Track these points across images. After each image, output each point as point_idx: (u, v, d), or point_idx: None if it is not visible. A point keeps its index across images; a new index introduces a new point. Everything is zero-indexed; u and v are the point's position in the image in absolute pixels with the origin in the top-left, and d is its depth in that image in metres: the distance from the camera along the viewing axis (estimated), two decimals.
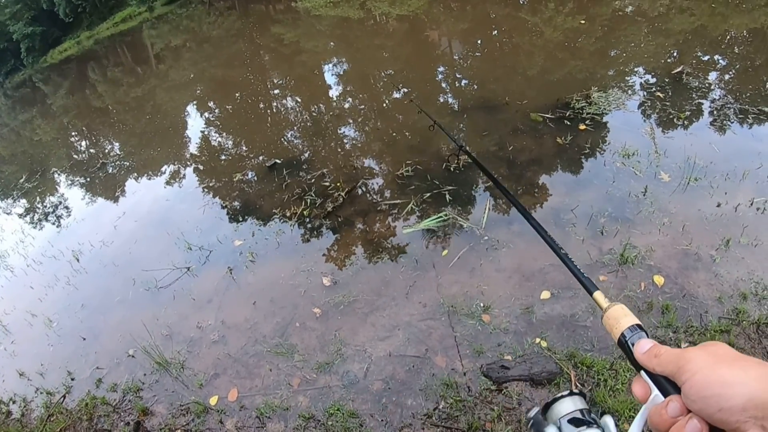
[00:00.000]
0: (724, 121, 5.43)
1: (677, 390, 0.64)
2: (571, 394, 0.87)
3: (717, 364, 0.60)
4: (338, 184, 5.96)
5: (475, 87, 8.14)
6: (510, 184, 5.21)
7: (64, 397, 4.45)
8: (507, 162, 5.56)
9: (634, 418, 0.70)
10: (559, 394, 0.88)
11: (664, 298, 3.62)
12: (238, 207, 6.40)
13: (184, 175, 8.23)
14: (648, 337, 0.74)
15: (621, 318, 0.78)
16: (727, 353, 0.61)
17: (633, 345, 0.74)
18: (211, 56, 16.01)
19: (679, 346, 3.30)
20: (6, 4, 35.72)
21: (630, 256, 3.95)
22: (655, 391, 0.68)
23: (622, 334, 0.76)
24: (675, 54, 7.13)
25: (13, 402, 4.67)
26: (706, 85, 6.10)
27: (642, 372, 0.71)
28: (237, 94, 11.57)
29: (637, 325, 0.76)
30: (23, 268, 6.90)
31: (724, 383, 0.57)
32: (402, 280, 4.41)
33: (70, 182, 9.96)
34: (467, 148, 2.23)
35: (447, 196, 5.27)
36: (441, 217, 4.94)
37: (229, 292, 4.95)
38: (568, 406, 0.87)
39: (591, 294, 0.91)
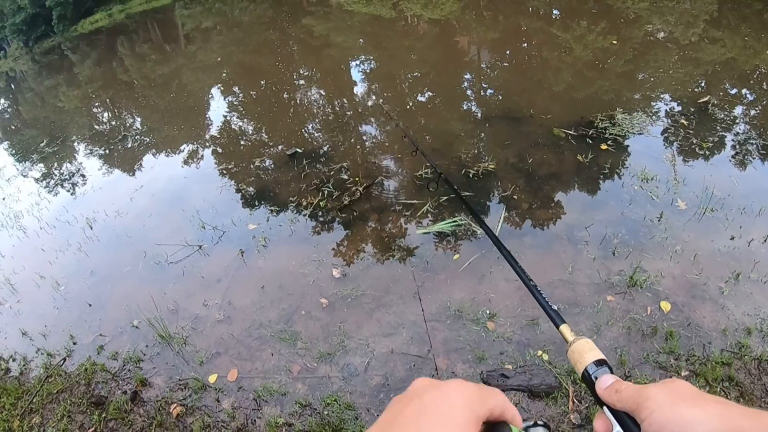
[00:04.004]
0: (746, 156, 5.41)
1: (638, 427, 0.63)
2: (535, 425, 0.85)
3: (677, 402, 0.58)
4: (356, 179, 5.99)
5: (500, 97, 8.14)
6: (527, 196, 5.23)
7: (64, 360, 4.52)
8: (526, 174, 5.57)
9: None
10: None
11: (669, 325, 3.62)
12: (255, 192, 6.45)
13: (203, 155, 8.27)
14: (612, 372, 0.74)
15: (585, 352, 0.78)
16: (687, 391, 0.60)
17: (596, 380, 0.73)
18: (240, 41, 16.08)
19: (679, 374, 3.32)
20: None
21: (639, 279, 3.96)
22: (617, 428, 0.67)
23: (586, 369, 0.76)
24: (703, 84, 7.09)
25: (14, 360, 4.75)
26: (732, 117, 6.06)
27: (604, 408, 0.70)
28: (262, 82, 11.64)
29: (602, 360, 0.76)
30: (36, 230, 6.99)
31: (684, 422, 0.56)
32: (411, 280, 4.43)
33: (89, 151, 10.04)
34: (444, 176, 2.26)
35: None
36: (455, 221, 4.96)
37: (239, 274, 5.00)
38: None
39: (558, 327, 0.91)
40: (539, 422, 0.74)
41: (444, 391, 0.58)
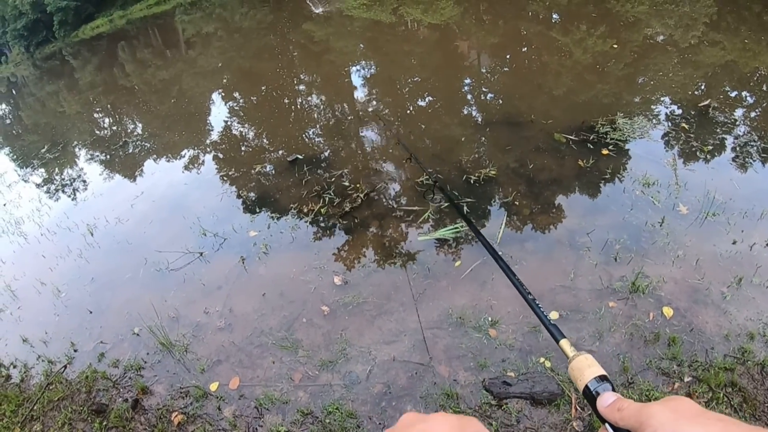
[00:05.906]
0: (747, 159, 5.40)
1: None
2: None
3: (678, 420, 0.58)
4: (357, 186, 5.98)
5: (501, 102, 8.13)
6: (528, 201, 5.22)
7: (65, 367, 4.50)
8: (527, 179, 5.56)
9: None
10: None
11: (671, 331, 3.61)
12: (256, 198, 6.44)
13: (204, 161, 8.27)
14: (613, 388, 0.74)
15: (586, 369, 0.78)
16: (690, 409, 0.60)
17: (597, 396, 0.73)
18: (241, 47, 16.10)
19: (682, 380, 3.31)
20: None
21: (641, 285, 3.94)
22: None
23: (587, 385, 0.76)
24: (703, 87, 7.09)
25: (14, 367, 4.73)
26: (732, 120, 6.05)
27: (606, 425, 0.70)
28: (263, 87, 11.65)
29: (603, 376, 0.76)
30: (37, 237, 6.99)
31: None
32: (413, 287, 4.42)
33: (90, 157, 10.05)
34: (439, 184, 2.27)
35: (465, 207, 5.28)
36: (457, 228, 4.95)
37: (240, 281, 4.99)
38: None
39: (557, 341, 0.92)
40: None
41: (430, 423, 0.66)
